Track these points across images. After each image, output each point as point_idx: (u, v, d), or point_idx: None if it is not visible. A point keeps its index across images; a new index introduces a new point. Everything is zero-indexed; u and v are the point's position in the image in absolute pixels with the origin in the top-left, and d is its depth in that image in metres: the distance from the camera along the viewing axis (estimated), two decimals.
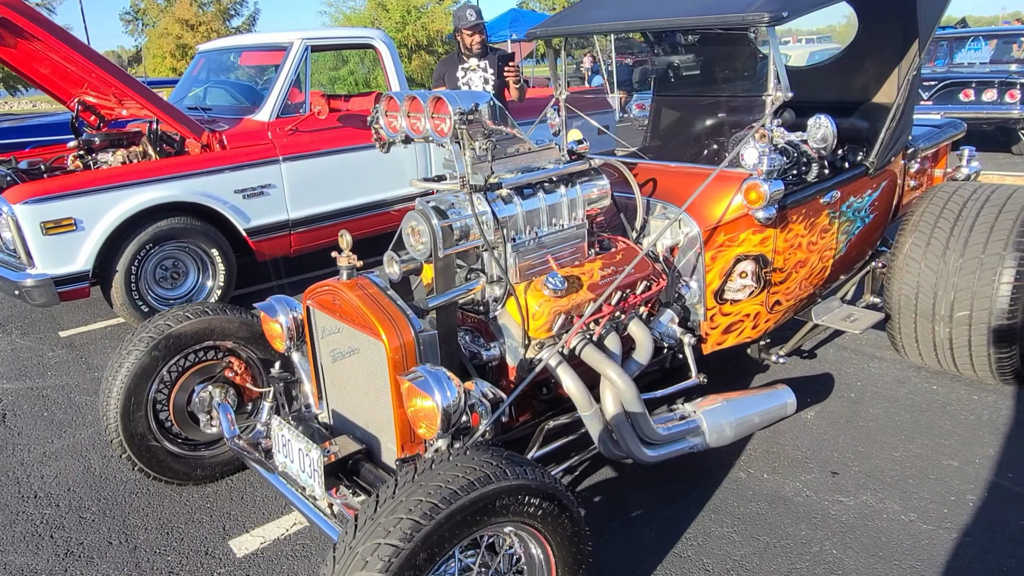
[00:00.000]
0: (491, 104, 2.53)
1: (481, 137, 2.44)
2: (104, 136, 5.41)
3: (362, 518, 1.62)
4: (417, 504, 1.58)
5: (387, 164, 5.67)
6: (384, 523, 1.56)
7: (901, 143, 3.49)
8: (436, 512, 1.56)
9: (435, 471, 1.66)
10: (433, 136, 2.47)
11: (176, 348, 2.86)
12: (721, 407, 2.80)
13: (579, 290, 2.66)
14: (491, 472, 1.68)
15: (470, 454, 1.73)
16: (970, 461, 2.95)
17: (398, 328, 2.26)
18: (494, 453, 1.76)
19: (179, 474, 2.97)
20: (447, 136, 2.40)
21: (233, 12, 32.60)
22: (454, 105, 2.35)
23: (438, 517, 1.56)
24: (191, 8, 27.00)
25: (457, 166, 2.43)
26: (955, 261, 3.30)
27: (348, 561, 1.54)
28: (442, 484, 1.62)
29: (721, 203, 2.99)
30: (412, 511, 1.57)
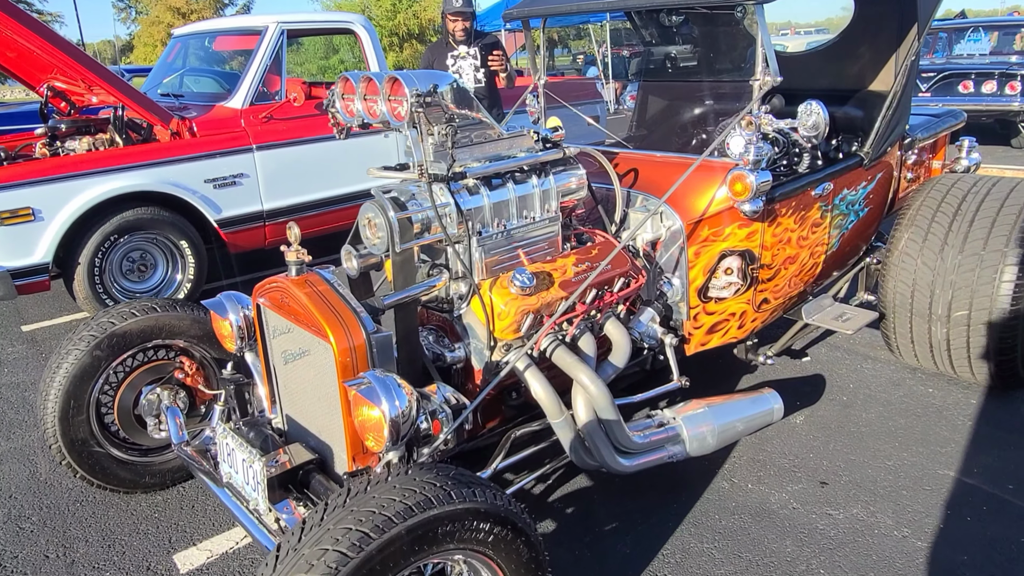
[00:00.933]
0: (454, 86, 2.34)
1: (442, 122, 2.24)
2: (71, 123, 5.20)
3: (284, 548, 1.44)
4: (345, 534, 1.39)
5: (369, 153, 5.47)
6: (307, 555, 1.38)
7: (897, 133, 3.30)
8: (366, 543, 1.38)
9: (369, 495, 1.48)
10: (390, 120, 2.27)
11: (121, 347, 2.67)
12: (703, 413, 2.62)
13: (550, 287, 2.47)
14: (434, 495, 1.49)
15: (412, 474, 1.55)
16: (968, 471, 2.78)
17: (348, 329, 2.07)
18: (440, 472, 1.58)
19: (125, 481, 2.78)
20: (404, 120, 2.21)
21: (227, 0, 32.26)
22: (411, 86, 2.15)
23: (368, 548, 1.37)
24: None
25: (415, 153, 2.23)
26: (954, 258, 3.12)
27: None
28: (375, 510, 1.43)
29: (705, 195, 2.80)
30: (339, 541, 1.38)
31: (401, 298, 2.31)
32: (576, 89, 7.46)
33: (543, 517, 2.63)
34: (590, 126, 4.24)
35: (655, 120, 3.90)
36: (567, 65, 29.74)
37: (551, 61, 33.86)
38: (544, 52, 3.44)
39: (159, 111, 4.74)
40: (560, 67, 27.85)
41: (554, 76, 12.36)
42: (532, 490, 2.79)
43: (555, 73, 15.76)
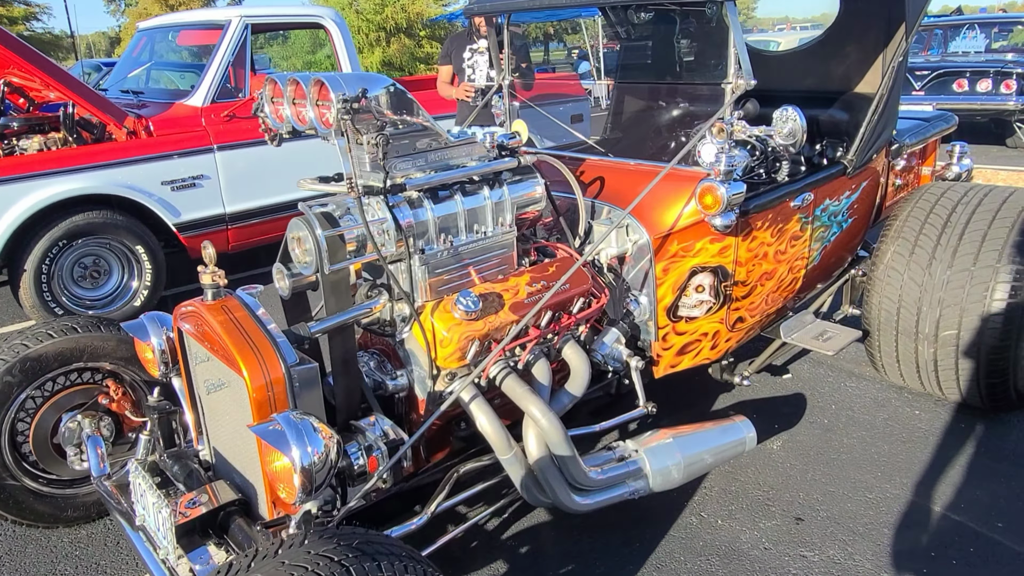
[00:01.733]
0: (391, 89, 2.11)
1: (372, 130, 2.02)
2: (23, 121, 4.95)
3: None
4: None
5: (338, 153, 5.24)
6: None
7: (884, 139, 3.10)
8: None
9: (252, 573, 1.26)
10: (317, 127, 2.06)
11: (36, 372, 2.46)
12: (668, 445, 2.41)
13: (499, 310, 2.26)
14: (328, 573, 1.28)
15: (306, 545, 1.33)
16: (955, 505, 2.58)
17: (264, 362, 1.86)
18: (340, 543, 1.36)
19: (44, 516, 2.57)
20: (332, 128, 1.99)
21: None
22: (337, 91, 1.93)
23: None
24: None
25: (343, 164, 2.01)
26: (942, 273, 2.92)
27: None
28: None
29: (674, 207, 2.59)
30: None
31: (332, 324, 2.09)
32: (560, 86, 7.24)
33: (494, 557, 2.43)
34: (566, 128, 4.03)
35: (629, 124, 3.69)
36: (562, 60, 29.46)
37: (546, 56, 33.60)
38: (508, 49, 3.22)
39: (112, 109, 4.51)
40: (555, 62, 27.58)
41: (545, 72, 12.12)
42: (485, 525, 2.58)
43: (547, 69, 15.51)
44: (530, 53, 5.48)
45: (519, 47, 4.90)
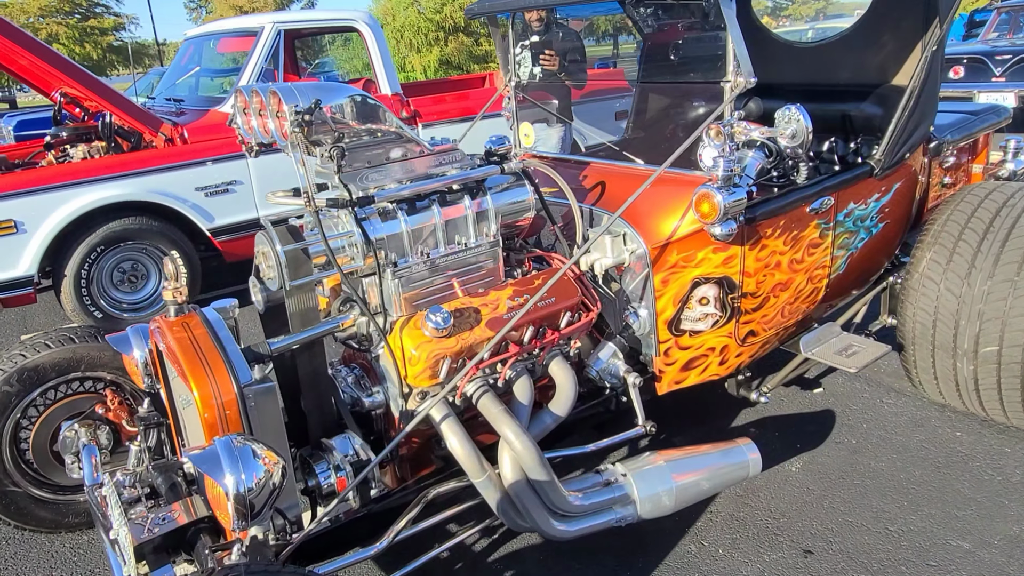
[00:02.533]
0: (356, 99, 2.05)
1: (327, 142, 1.96)
2: (72, 130, 5.16)
3: None
4: None
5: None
6: None
7: (918, 136, 2.83)
8: None
9: None
10: (277, 139, 2.01)
11: (34, 382, 2.51)
12: (659, 469, 2.26)
13: (475, 326, 2.16)
14: None
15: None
16: (986, 543, 2.33)
17: (215, 382, 1.83)
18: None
19: (46, 521, 2.62)
20: (288, 140, 1.94)
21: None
22: (290, 102, 1.88)
23: None
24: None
25: (298, 178, 1.95)
26: (982, 284, 2.65)
27: None
28: None
29: (674, 215, 2.43)
30: None
31: (293, 341, 2.04)
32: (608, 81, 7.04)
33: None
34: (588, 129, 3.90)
35: (649, 125, 3.51)
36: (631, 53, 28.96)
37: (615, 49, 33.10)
38: (513, 49, 3.11)
39: (147, 118, 4.63)
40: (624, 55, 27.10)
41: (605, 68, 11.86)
42: (473, 546, 2.50)
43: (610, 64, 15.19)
44: (585, 48, 5.22)
45: (568, 43, 4.70)
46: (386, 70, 5.48)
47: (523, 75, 4.96)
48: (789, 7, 47.16)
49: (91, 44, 29.82)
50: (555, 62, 4.60)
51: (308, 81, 5.44)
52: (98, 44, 30.44)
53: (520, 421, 2.15)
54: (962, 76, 8.98)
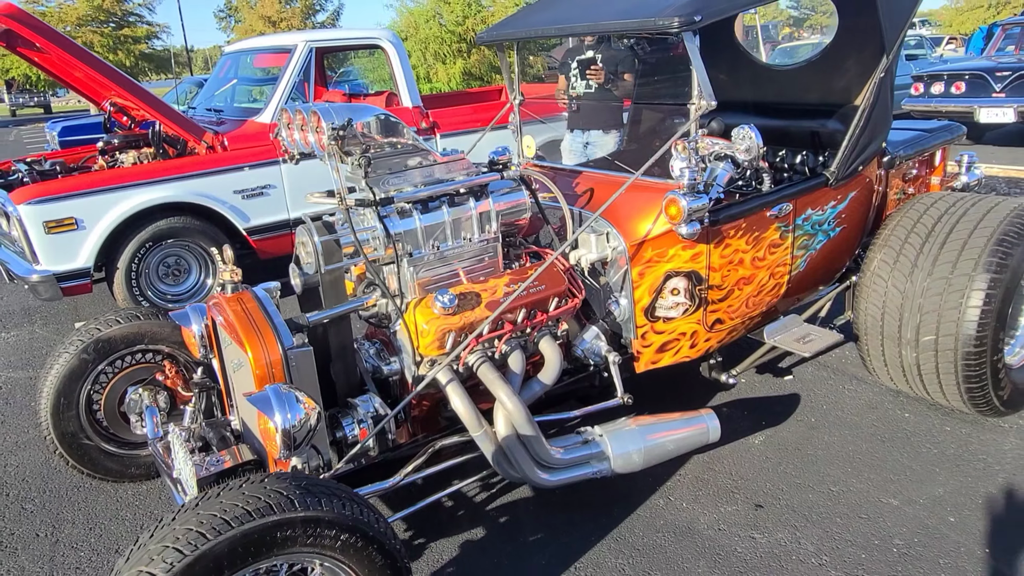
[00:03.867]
0: (380, 118, 2.49)
1: (356, 152, 2.40)
2: (123, 138, 5.68)
3: (140, 541, 1.63)
4: (185, 533, 1.58)
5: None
6: (151, 549, 1.57)
7: (871, 151, 3.22)
8: (201, 542, 1.56)
9: (218, 499, 1.66)
10: (316, 150, 2.46)
11: (106, 351, 2.97)
12: (630, 431, 2.68)
13: (476, 307, 2.59)
14: (276, 502, 1.66)
15: (264, 482, 1.72)
16: (913, 501, 2.72)
17: (265, 344, 2.27)
18: (291, 482, 1.74)
19: (112, 472, 3.08)
20: (325, 151, 2.39)
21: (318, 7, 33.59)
22: (328, 120, 2.33)
23: (202, 548, 1.55)
24: (275, 4, 28.00)
25: (332, 181, 2.40)
26: (922, 281, 3.04)
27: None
28: (216, 513, 1.61)
29: (649, 217, 2.85)
30: (178, 540, 1.57)
31: (326, 316, 2.49)
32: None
33: (475, 524, 2.76)
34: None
35: (635, 138, 3.94)
36: None
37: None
38: (518, 72, 3.54)
39: (191, 127, 5.12)
40: None
41: None
42: (474, 497, 2.92)
43: None
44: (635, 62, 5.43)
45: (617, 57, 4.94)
46: (407, 84, 5.95)
47: (578, 87, 5.33)
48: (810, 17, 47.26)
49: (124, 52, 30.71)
50: (601, 75, 4.90)
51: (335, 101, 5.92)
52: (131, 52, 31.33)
53: (513, 387, 2.57)
54: (963, 91, 9.29)
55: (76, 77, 5.83)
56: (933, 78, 9.51)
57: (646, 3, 2.73)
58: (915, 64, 11.91)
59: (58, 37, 4.77)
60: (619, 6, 2.85)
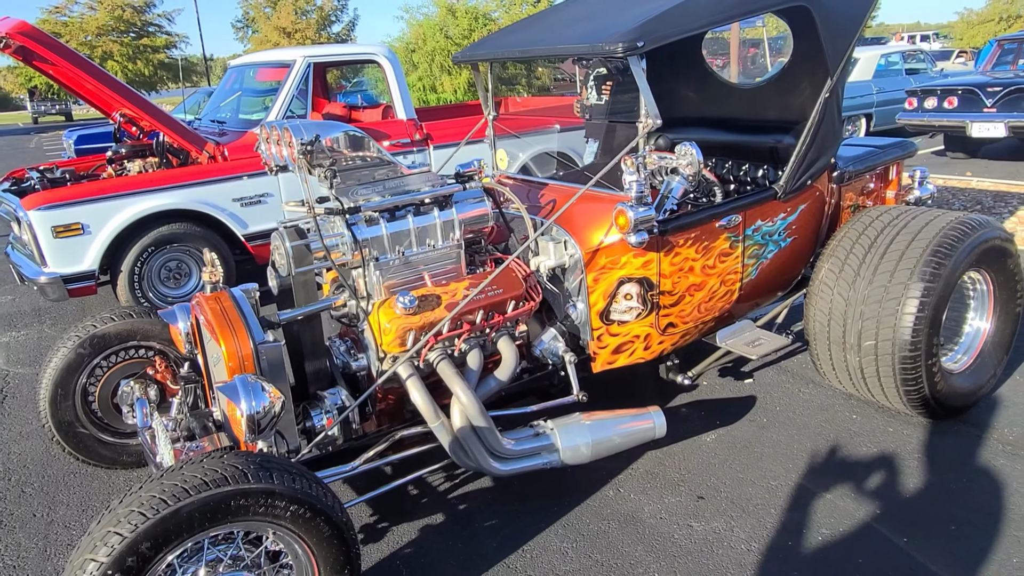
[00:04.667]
0: (349, 133, 2.73)
1: (324, 165, 2.63)
2: (130, 147, 5.97)
3: (112, 505, 1.86)
4: (150, 499, 1.80)
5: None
6: (120, 512, 1.79)
7: (819, 167, 3.41)
8: (162, 507, 1.78)
9: (180, 471, 1.88)
10: (288, 163, 2.69)
11: (101, 346, 3.21)
12: (579, 425, 2.87)
13: (436, 308, 2.80)
14: (231, 474, 1.88)
15: (222, 457, 1.94)
16: (846, 495, 2.89)
17: (237, 339, 2.50)
18: (247, 458, 1.96)
19: (106, 459, 3.32)
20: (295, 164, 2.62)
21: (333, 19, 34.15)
22: (297, 135, 2.56)
23: (163, 512, 1.77)
24: (291, 16, 28.53)
25: (302, 191, 2.63)
26: (864, 289, 3.22)
27: (86, 544, 1.79)
28: (177, 483, 1.83)
29: (603, 226, 3.05)
30: (143, 504, 1.79)
31: (296, 315, 2.72)
32: None
33: (436, 510, 2.96)
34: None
35: (603, 152, 4.15)
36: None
37: None
38: (491, 90, 3.77)
39: (193, 138, 5.40)
40: None
41: None
42: (438, 486, 3.13)
43: None
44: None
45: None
46: (402, 98, 6.20)
47: (591, 100, 5.57)
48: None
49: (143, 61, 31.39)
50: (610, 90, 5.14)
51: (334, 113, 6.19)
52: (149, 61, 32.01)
53: (469, 382, 2.78)
54: (956, 106, 9.42)
55: (88, 89, 6.13)
56: (927, 93, 9.65)
57: (600, 29, 2.94)
58: (915, 79, 12.04)
59: (68, 52, 5.06)
60: (577, 31, 3.07)
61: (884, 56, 12.37)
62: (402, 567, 2.65)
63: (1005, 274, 3.41)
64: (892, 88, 11.61)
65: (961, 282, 3.45)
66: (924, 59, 13.09)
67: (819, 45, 3.40)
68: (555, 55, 3.14)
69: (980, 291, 3.48)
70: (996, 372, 3.50)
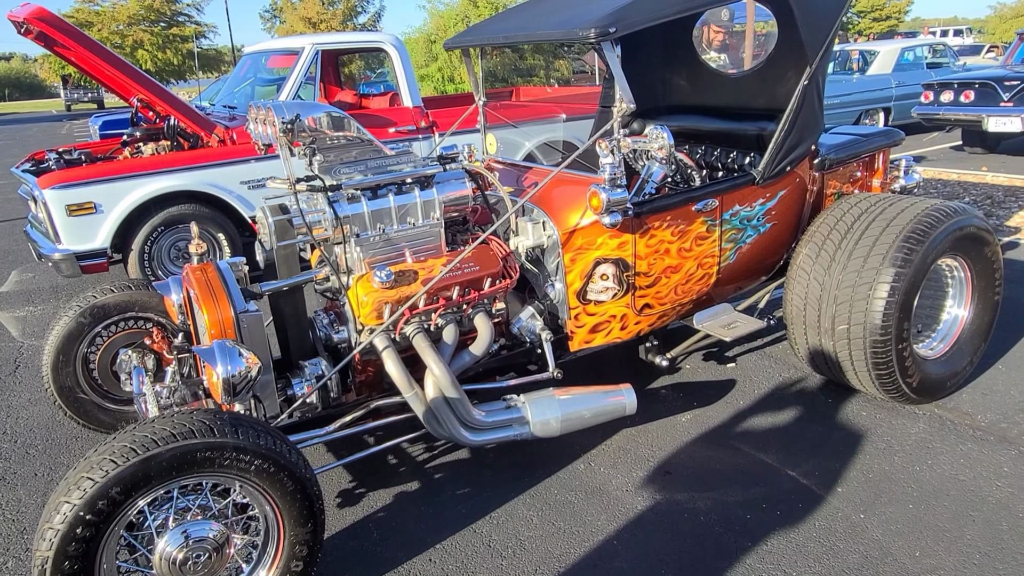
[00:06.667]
0: (332, 114, 2.84)
1: (305, 144, 2.75)
2: (144, 131, 6.16)
3: (87, 455, 2.00)
4: (121, 449, 1.94)
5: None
6: (94, 460, 1.93)
7: (798, 153, 3.46)
8: (132, 456, 1.91)
9: (151, 424, 2.01)
10: (272, 141, 2.82)
11: (101, 316, 3.38)
12: (550, 400, 2.97)
13: (412, 283, 2.92)
14: (198, 428, 2.01)
15: (192, 413, 2.07)
16: (810, 473, 2.96)
17: (219, 307, 2.63)
18: (215, 414, 2.09)
19: (105, 424, 3.49)
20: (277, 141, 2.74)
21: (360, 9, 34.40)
22: (279, 115, 2.68)
23: (132, 460, 1.91)
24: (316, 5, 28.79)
25: (284, 168, 2.76)
26: (838, 274, 3.27)
27: (62, 487, 1.93)
28: (148, 434, 1.97)
29: (580, 207, 3.14)
30: (115, 453, 1.93)
31: (278, 286, 2.85)
32: None
33: (412, 478, 3.08)
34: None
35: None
36: None
37: None
38: (482, 76, 3.87)
39: (204, 122, 5.56)
40: None
41: None
42: (417, 456, 3.25)
43: None
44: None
45: None
46: (409, 86, 6.31)
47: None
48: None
49: (172, 51, 31.89)
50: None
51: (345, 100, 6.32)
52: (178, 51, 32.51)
53: (443, 355, 2.89)
54: (972, 100, 9.32)
55: (106, 75, 6.33)
56: (943, 86, 9.55)
57: (576, 16, 3.02)
58: (936, 73, 11.89)
59: (84, 39, 5.24)
60: (555, 19, 3.15)
61: (905, 49, 12.24)
62: (373, 528, 2.78)
63: (983, 262, 3.44)
64: (912, 82, 11.48)
65: (938, 269, 3.48)
66: (947, 53, 12.91)
67: (794, 36, 3.45)
68: (534, 41, 3.23)
69: (957, 278, 3.51)
70: (973, 360, 3.53)
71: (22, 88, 53.20)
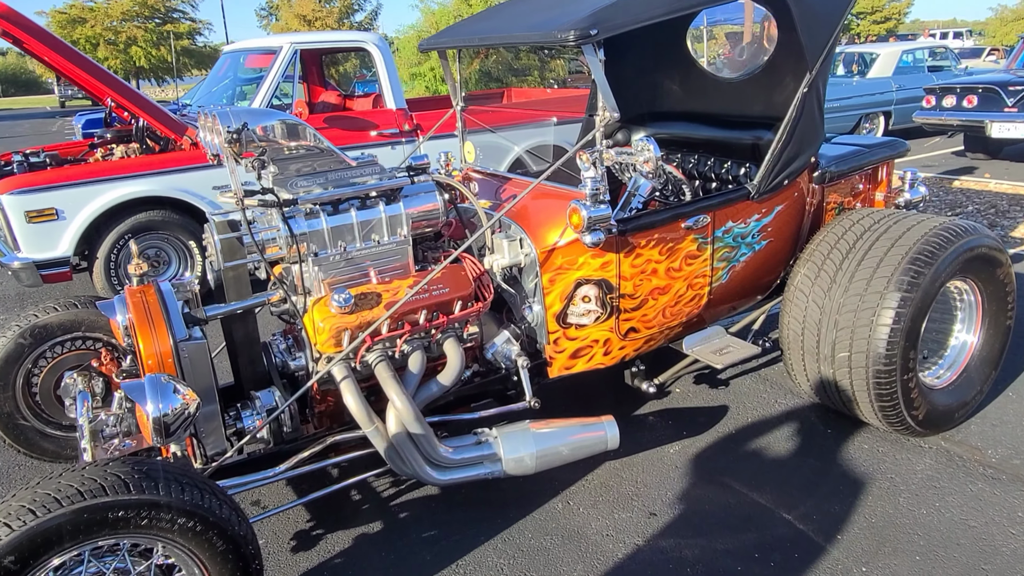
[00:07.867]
0: (286, 122, 2.59)
1: (255, 154, 2.50)
2: (115, 132, 5.90)
3: None
4: (18, 509, 1.69)
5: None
6: None
7: (796, 166, 3.21)
8: (29, 519, 1.67)
9: (56, 479, 1.76)
10: (220, 151, 2.56)
11: (43, 337, 3.12)
12: (525, 434, 2.73)
13: (375, 307, 2.67)
14: (110, 484, 1.76)
15: (106, 465, 1.82)
16: (807, 517, 2.72)
17: (156, 336, 2.38)
18: (133, 467, 1.84)
19: (48, 452, 3.23)
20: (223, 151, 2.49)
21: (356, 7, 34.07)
22: (224, 123, 2.43)
23: (30, 524, 1.66)
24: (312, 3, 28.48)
25: (230, 180, 2.51)
26: (839, 297, 3.03)
27: None
28: (50, 492, 1.72)
29: (560, 224, 2.89)
30: (10, 515, 1.68)
31: (222, 312, 2.60)
32: None
33: (375, 518, 2.83)
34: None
35: None
36: None
37: None
38: (460, 79, 3.62)
39: (173, 124, 5.30)
40: None
41: None
42: (382, 492, 3.00)
43: None
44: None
45: None
46: (392, 87, 6.06)
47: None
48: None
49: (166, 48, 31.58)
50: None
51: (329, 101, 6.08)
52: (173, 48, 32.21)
53: (408, 385, 2.65)
54: (976, 105, 9.08)
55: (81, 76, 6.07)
56: (945, 91, 9.32)
57: (556, 16, 2.78)
58: (938, 76, 11.66)
59: (47, 37, 4.98)
60: (534, 19, 2.90)
61: (906, 52, 12.00)
62: None
63: (994, 284, 3.20)
64: (913, 86, 11.24)
65: (946, 292, 3.24)
66: (948, 56, 12.68)
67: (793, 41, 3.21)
68: (511, 43, 2.99)
69: (967, 302, 3.27)
70: (982, 389, 3.30)
71: (17, 84, 52.84)
